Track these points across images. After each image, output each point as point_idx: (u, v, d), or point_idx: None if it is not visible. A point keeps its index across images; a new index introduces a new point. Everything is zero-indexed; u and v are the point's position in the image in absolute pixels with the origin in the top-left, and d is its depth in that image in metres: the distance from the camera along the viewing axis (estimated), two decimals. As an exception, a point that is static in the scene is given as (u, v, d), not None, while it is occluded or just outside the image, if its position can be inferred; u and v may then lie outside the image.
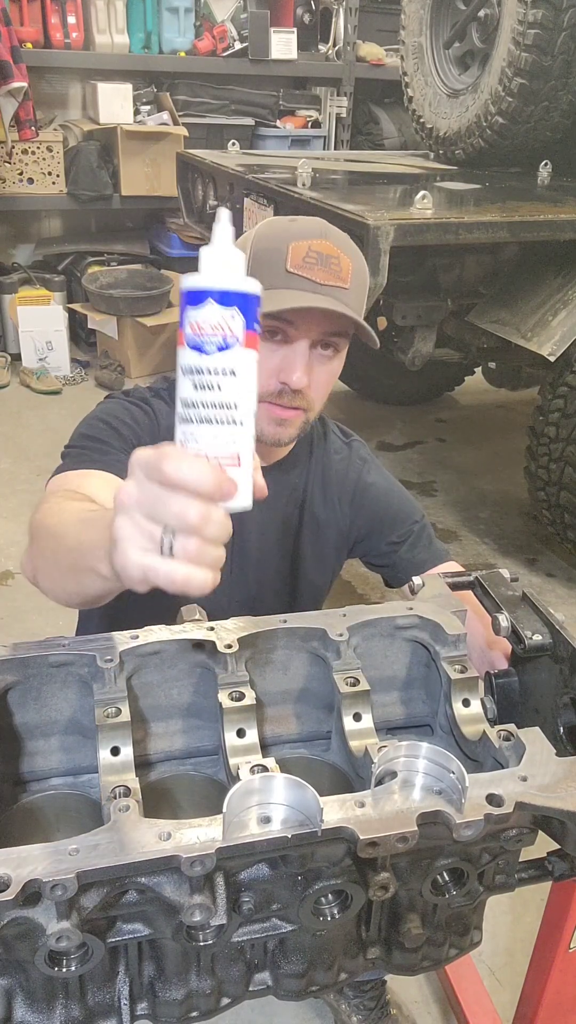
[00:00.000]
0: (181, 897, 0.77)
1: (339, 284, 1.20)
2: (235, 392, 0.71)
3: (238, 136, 4.63)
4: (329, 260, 1.20)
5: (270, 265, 1.20)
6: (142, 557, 0.71)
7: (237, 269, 0.72)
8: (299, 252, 1.19)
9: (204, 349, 0.70)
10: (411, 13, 3.78)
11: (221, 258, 0.72)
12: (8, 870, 0.69)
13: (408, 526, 1.49)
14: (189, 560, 0.70)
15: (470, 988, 1.69)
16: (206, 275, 0.71)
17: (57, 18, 4.74)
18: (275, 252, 1.20)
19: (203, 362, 0.71)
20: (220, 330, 0.70)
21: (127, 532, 0.72)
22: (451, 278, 3.15)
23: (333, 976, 0.96)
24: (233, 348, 0.71)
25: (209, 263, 0.72)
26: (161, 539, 0.70)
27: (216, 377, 0.71)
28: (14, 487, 3.72)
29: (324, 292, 1.19)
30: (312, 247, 1.19)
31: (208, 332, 0.70)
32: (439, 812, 0.78)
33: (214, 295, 0.70)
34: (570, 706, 1.03)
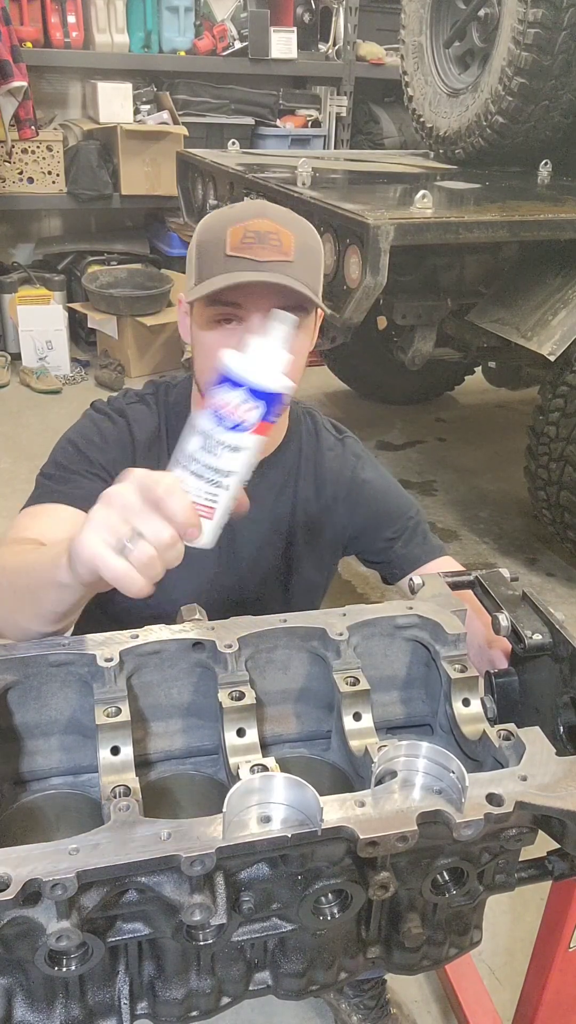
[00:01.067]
0: (181, 896, 0.77)
1: (282, 258, 1.19)
2: (231, 464, 0.85)
3: (238, 135, 4.63)
4: (268, 236, 1.19)
5: (212, 254, 1.20)
6: (100, 546, 0.82)
7: (277, 370, 0.83)
8: (237, 235, 1.18)
9: (221, 423, 0.83)
10: (411, 12, 3.77)
11: (268, 357, 0.83)
12: (8, 869, 0.69)
13: (403, 522, 1.48)
14: (138, 565, 0.81)
15: (470, 987, 1.69)
16: (250, 367, 0.83)
17: (57, 17, 4.74)
18: (215, 240, 1.20)
19: (216, 432, 0.83)
20: (239, 414, 0.82)
21: (100, 521, 0.82)
22: (451, 277, 3.16)
23: (333, 975, 0.96)
24: (245, 432, 0.83)
25: (256, 356, 0.83)
26: (121, 537, 0.81)
27: (221, 447, 0.83)
28: (14, 486, 3.72)
29: (266, 268, 1.18)
30: (249, 227, 1.19)
31: (230, 412, 0.82)
32: (439, 811, 0.78)
33: (249, 388, 0.82)
34: (570, 705, 1.03)
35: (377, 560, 1.52)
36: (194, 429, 0.85)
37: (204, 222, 1.26)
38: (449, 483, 4.03)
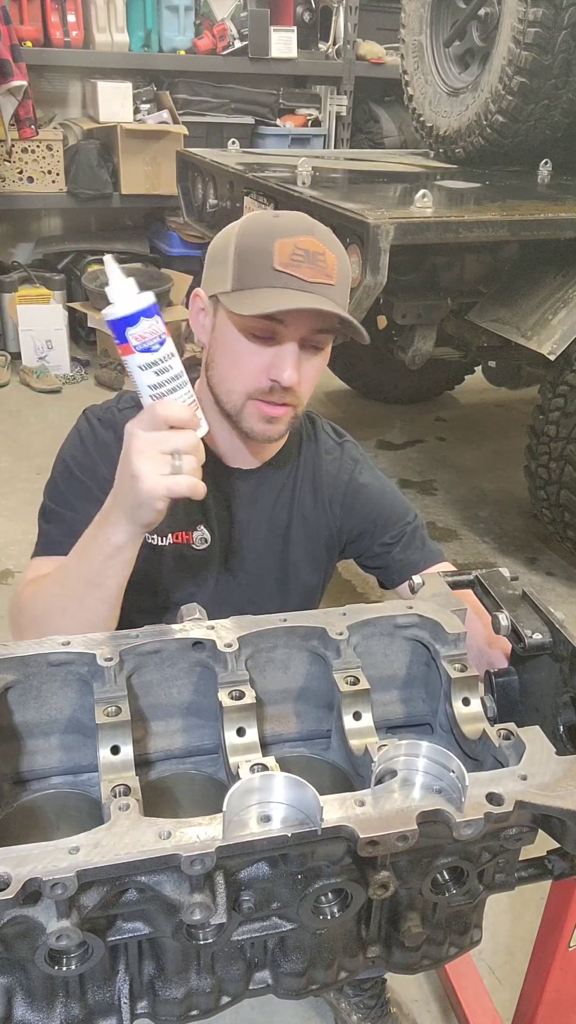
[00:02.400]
0: (181, 896, 0.77)
1: (326, 281, 1.19)
2: (178, 365, 1.07)
3: (238, 135, 4.63)
4: (316, 257, 1.19)
5: (257, 263, 1.19)
6: (164, 479, 1.03)
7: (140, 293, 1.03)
8: (286, 250, 1.18)
9: (151, 348, 1.03)
10: (411, 11, 3.77)
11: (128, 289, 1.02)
12: (8, 869, 0.69)
13: (400, 527, 1.48)
14: (192, 472, 1.04)
15: (470, 987, 1.70)
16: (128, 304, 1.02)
17: (57, 16, 4.74)
18: (261, 250, 1.19)
19: (155, 356, 1.04)
20: (156, 332, 1.03)
21: (147, 467, 1.03)
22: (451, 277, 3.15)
23: (333, 975, 0.96)
24: (167, 341, 1.04)
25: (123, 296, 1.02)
26: (172, 463, 1.03)
27: (167, 361, 1.05)
28: (14, 485, 3.72)
29: (312, 290, 1.18)
30: (299, 244, 1.18)
31: (150, 336, 1.03)
32: (439, 811, 0.78)
33: (142, 312, 1.02)
34: (570, 705, 1.03)
35: (375, 565, 1.51)
36: (138, 368, 1.05)
37: (247, 226, 1.24)
38: (449, 482, 4.03)
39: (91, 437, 1.38)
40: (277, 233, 1.20)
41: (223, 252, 1.25)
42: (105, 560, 1.12)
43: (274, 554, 1.46)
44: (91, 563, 1.14)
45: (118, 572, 1.13)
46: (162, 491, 1.03)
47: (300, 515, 1.45)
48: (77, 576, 1.16)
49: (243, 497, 1.42)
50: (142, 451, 1.03)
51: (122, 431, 1.37)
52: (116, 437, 1.37)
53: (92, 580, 1.14)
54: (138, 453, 1.03)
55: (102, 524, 1.13)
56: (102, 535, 1.12)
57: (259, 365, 1.24)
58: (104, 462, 1.35)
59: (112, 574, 1.13)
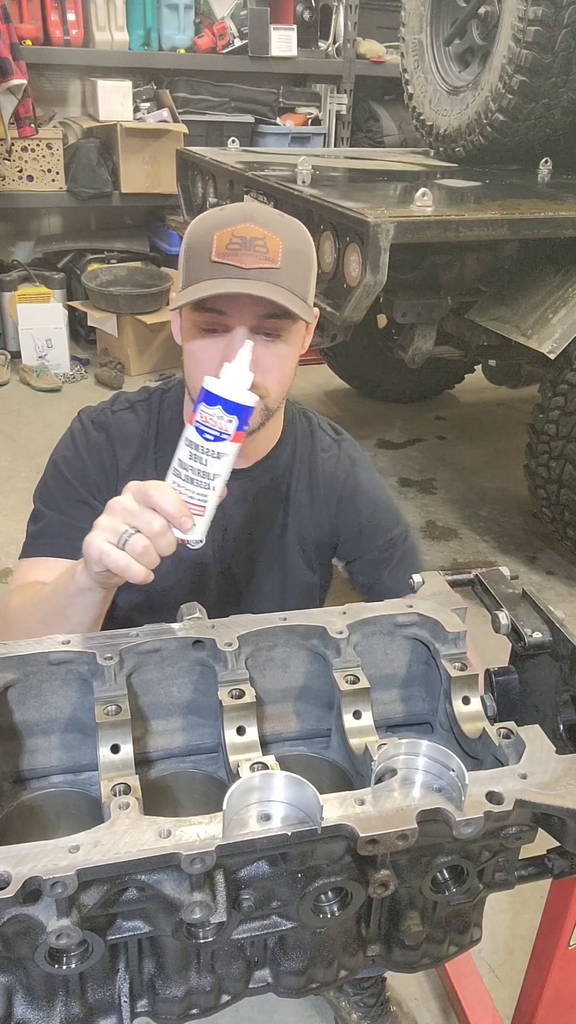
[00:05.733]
0: (181, 894, 0.77)
1: (268, 265, 1.17)
2: (216, 468, 1.01)
3: (238, 133, 4.63)
4: (254, 243, 1.17)
5: (197, 258, 1.19)
6: (103, 543, 0.98)
7: (244, 389, 1.00)
8: (223, 240, 1.17)
9: (205, 434, 0.99)
10: (411, 10, 3.77)
11: (236, 376, 1.00)
12: (8, 867, 0.70)
13: (391, 540, 1.48)
14: (135, 555, 0.97)
15: (470, 985, 1.70)
16: (223, 386, 0.99)
17: (57, 15, 4.73)
18: (202, 244, 1.19)
19: (201, 443, 1.00)
20: (220, 426, 0.99)
21: (104, 525, 0.99)
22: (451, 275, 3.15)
23: (333, 973, 0.96)
24: (225, 441, 1.00)
25: (228, 377, 1.00)
26: (121, 534, 0.98)
27: (207, 455, 1.00)
28: (14, 484, 3.72)
29: (249, 276, 1.16)
30: (235, 232, 1.17)
31: (211, 425, 0.99)
32: (439, 810, 0.78)
33: (224, 403, 0.99)
34: (570, 704, 1.03)
35: (363, 582, 1.51)
36: (184, 441, 1.01)
37: (192, 225, 1.25)
38: (449, 481, 4.03)
39: (83, 439, 1.38)
40: (216, 225, 1.19)
41: (181, 254, 1.27)
42: (71, 596, 1.10)
43: (271, 552, 1.46)
44: (60, 595, 1.13)
45: (84, 610, 1.11)
46: (95, 553, 0.98)
47: (296, 513, 1.45)
48: (48, 604, 1.15)
49: (236, 496, 1.41)
50: (111, 510, 1.00)
51: (115, 433, 1.38)
52: (108, 439, 1.37)
53: (60, 612, 1.12)
54: (108, 510, 1.00)
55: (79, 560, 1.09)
56: (73, 571, 1.09)
57: (212, 359, 1.22)
58: (95, 464, 1.36)
59: (78, 611, 1.11)
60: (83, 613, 1.11)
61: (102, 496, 1.34)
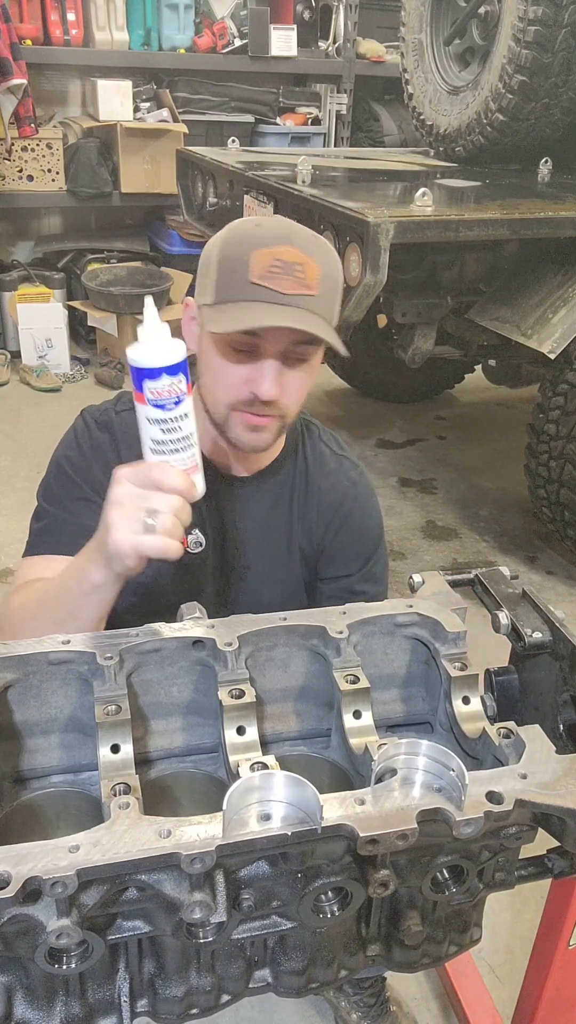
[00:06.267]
0: (181, 894, 0.77)
1: (306, 292, 1.16)
2: (189, 426, 1.03)
3: (238, 133, 4.63)
4: (294, 268, 1.15)
5: (234, 276, 1.17)
6: (133, 536, 1.00)
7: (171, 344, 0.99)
8: (263, 261, 1.15)
9: (165, 407, 1.00)
10: (411, 10, 3.77)
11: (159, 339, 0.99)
12: (8, 867, 0.70)
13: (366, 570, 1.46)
14: (167, 533, 1.00)
15: (470, 985, 1.70)
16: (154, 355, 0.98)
17: (57, 15, 4.73)
18: (238, 262, 1.16)
19: (166, 414, 1.01)
20: (174, 391, 1.00)
21: (120, 522, 1.00)
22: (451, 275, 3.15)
23: (333, 973, 0.96)
24: (184, 400, 1.01)
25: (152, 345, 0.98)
26: (145, 521, 0.99)
27: (177, 422, 1.01)
28: (14, 484, 3.72)
29: (289, 303, 1.15)
30: (276, 255, 1.15)
31: (166, 394, 0.99)
32: (439, 810, 0.78)
33: (166, 370, 0.98)
34: (570, 703, 1.03)
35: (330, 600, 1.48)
36: (145, 420, 1.02)
37: (228, 236, 1.21)
38: (449, 481, 4.03)
39: (86, 438, 1.37)
40: (255, 243, 1.17)
41: (208, 262, 1.24)
42: (83, 595, 1.10)
43: (269, 559, 1.45)
44: (70, 594, 1.12)
45: (95, 608, 1.11)
46: (129, 548, 1.00)
47: (294, 521, 1.44)
48: (57, 602, 1.15)
49: (237, 505, 1.41)
50: (120, 503, 1.01)
51: (118, 433, 1.38)
52: (111, 439, 1.37)
53: (70, 611, 1.12)
54: (116, 504, 1.01)
55: (86, 558, 1.10)
56: (83, 570, 1.10)
57: (239, 378, 1.22)
58: (98, 463, 1.35)
59: (89, 610, 1.11)
60: (96, 610, 1.11)
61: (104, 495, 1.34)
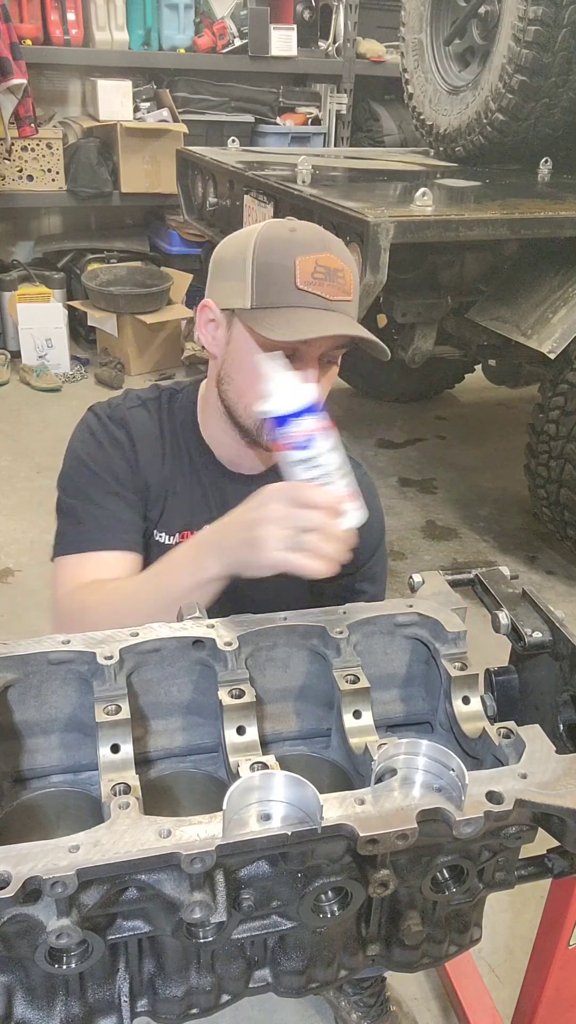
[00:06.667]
0: (181, 894, 0.77)
1: (346, 298, 1.21)
2: (336, 457, 1.06)
3: (238, 133, 4.63)
4: (336, 274, 1.20)
5: (279, 280, 1.19)
6: (282, 554, 1.04)
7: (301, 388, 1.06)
8: (307, 267, 1.18)
9: (305, 446, 1.05)
10: (411, 10, 3.77)
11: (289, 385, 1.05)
12: (8, 867, 0.69)
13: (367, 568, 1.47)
14: (316, 552, 1.03)
15: (470, 985, 1.70)
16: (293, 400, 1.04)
17: (57, 15, 4.74)
18: (281, 267, 1.19)
19: (312, 452, 1.05)
20: (311, 429, 1.05)
21: (272, 539, 1.04)
22: (451, 275, 3.15)
23: (333, 973, 0.96)
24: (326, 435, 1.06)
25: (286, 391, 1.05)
26: (292, 540, 1.03)
27: (325, 455, 1.06)
28: (14, 484, 3.72)
29: (334, 308, 1.20)
30: (320, 262, 1.19)
31: (302, 435, 1.04)
32: (439, 809, 0.78)
33: (306, 412, 1.04)
34: (570, 703, 1.03)
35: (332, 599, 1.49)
36: (292, 464, 1.06)
37: (265, 241, 1.22)
38: (449, 481, 4.03)
39: (103, 433, 1.37)
40: (296, 249, 1.19)
41: (238, 265, 1.24)
42: (194, 588, 1.13)
43: None
44: (177, 587, 1.14)
45: (205, 599, 1.13)
46: (278, 565, 1.04)
47: None
48: (158, 594, 1.16)
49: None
50: (271, 521, 1.04)
51: (132, 429, 1.38)
52: (127, 435, 1.37)
53: (172, 604, 1.11)
54: (266, 522, 1.05)
55: (199, 552, 1.14)
56: (196, 563, 1.13)
57: None
58: (118, 458, 1.35)
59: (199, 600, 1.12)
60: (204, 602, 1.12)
61: (128, 489, 1.35)
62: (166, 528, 1.38)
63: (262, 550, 1.04)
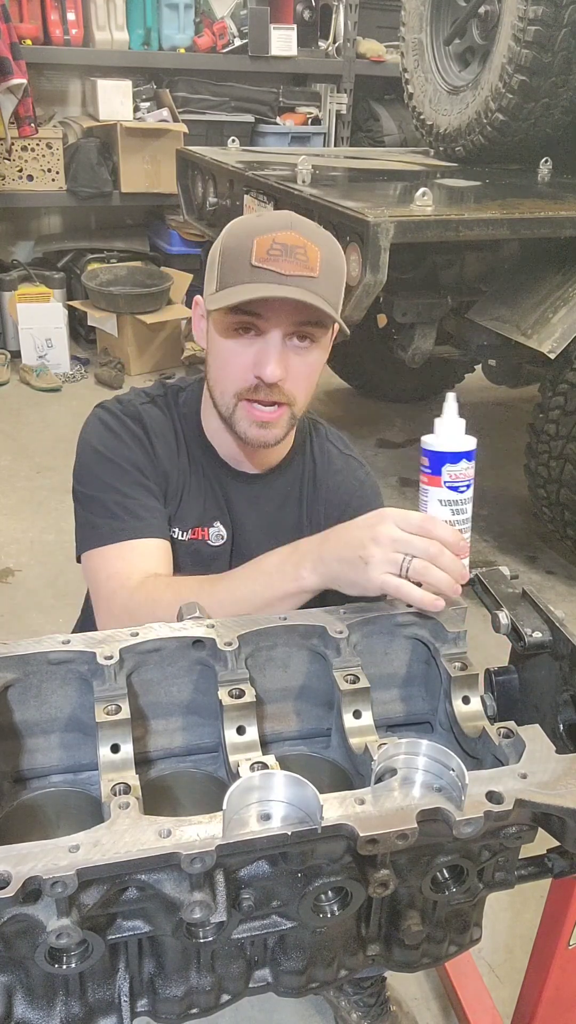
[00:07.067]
0: (181, 894, 0.77)
1: (307, 273, 1.18)
2: (471, 510, 1.11)
3: (238, 133, 4.63)
4: (295, 250, 1.18)
5: (236, 261, 1.19)
6: (384, 577, 1.02)
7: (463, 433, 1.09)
8: (263, 245, 1.17)
9: (459, 489, 1.08)
10: (411, 9, 3.77)
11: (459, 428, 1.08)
12: (8, 867, 0.70)
13: None
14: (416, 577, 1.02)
15: (470, 985, 1.70)
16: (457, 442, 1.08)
17: (57, 15, 4.74)
18: (241, 248, 1.19)
19: (459, 496, 1.09)
20: (468, 475, 1.08)
21: (378, 558, 1.03)
22: (451, 275, 3.15)
23: (333, 973, 0.96)
24: (472, 483, 1.09)
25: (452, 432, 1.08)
26: (401, 564, 1.02)
27: (466, 504, 1.09)
28: (14, 484, 3.72)
29: (291, 283, 1.17)
30: (276, 239, 1.18)
31: (462, 478, 1.08)
32: (439, 809, 0.78)
33: (465, 455, 1.07)
34: (570, 703, 1.03)
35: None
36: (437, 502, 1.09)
37: (230, 228, 1.24)
38: (449, 481, 4.02)
39: (120, 426, 1.36)
40: (257, 231, 1.19)
41: (212, 256, 1.26)
42: (286, 596, 1.13)
43: None
44: (269, 593, 1.13)
45: (288, 609, 1.12)
46: (377, 584, 1.03)
47: (303, 519, 1.45)
48: (243, 600, 1.15)
49: (248, 501, 1.42)
50: (384, 543, 1.03)
51: (147, 424, 1.38)
52: (144, 430, 1.37)
53: (259, 609, 1.12)
54: (377, 543, 1.03)
55: (298, 561, 1.12)
56: (294, 572, 1.12)
57: (244, 363, 1.24)
58: (138, 450, 1.35)
59: (282, 609, 1.12)
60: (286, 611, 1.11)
61: (151, 480, 1.34)
62: (180, 523, 1.37)
63: (367, 570, 1.03)
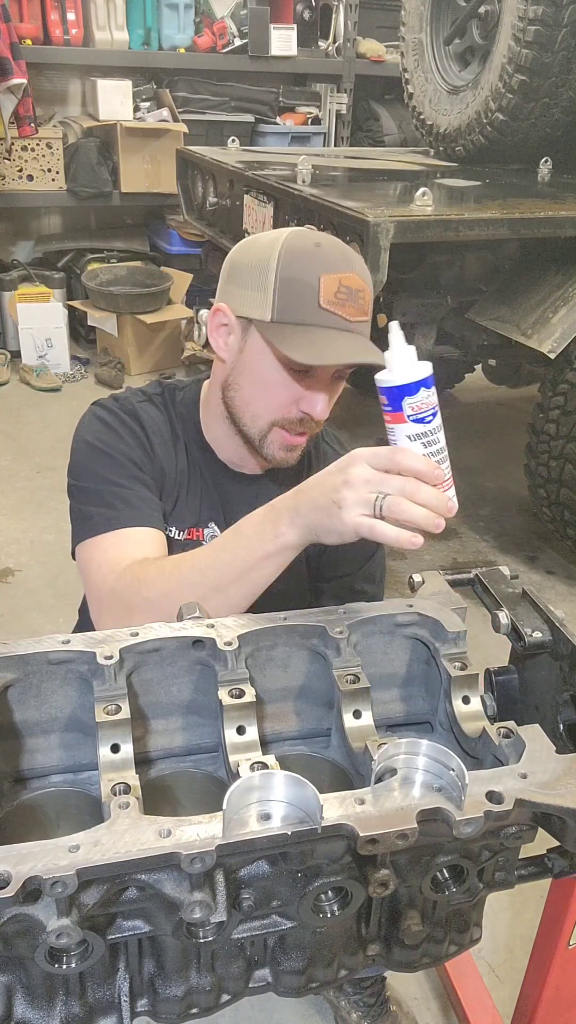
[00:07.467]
0: (181, 894, 0.77)
1: (364, 318, 1.22)
2: (443, 438, 1.05)
3: (238, 133, 4.63)
4: (357, 295, 1.21)
5: (301, 298, 1.20)
6: (360, 518, 0.99)
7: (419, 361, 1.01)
8: (330, 287, 1.19)
9: (425, 420, 1.01)
10: (411, 9, 3.77)
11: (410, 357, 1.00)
12: (8, 867, 0.69)
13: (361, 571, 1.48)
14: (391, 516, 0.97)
15: (470, 985, 1.70)
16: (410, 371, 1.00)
17: (57, 14, 4.74)
18: (305, 284, 1.19)
19: (427, 428, 1.02)
20: (431, 403, 1.02)
21: (351, 500, 0.99)
22: (451, 275, 3.15)
23: (333, 973, 0.96)
24: (438, 412, 1.03)
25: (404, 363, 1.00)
26: (374, 503, 0.98)
27: (436, 434, 1.03)
28: (14, 484, 3.72)
29: (354, 329, 1.21)
30: (342, 282, 1.20)
31: (425, 407, 1.01)
32: (439, 809, 0.78)
33: (424, 383, 1.00)
34: (570, 703, 1.03)
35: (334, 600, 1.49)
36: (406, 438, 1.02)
37: (288, 255, 1.21)
38: (449, 481, 4.02)
39: (117, 422, 1.36)
40: (321, 266, 1.20)
41: (259, 275, 1.23)
42: (266, 556, 1.10)
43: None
44: (251, 555, 1.11)
45: (273, 571, 1.12)
46: (359, 530, 0.99)
47: None
48: (225, 566, 1.13)
49: (246, 502, 1.41)
50: (353, 484, 1.00)
51: (145, 421, 1.38)
52: (141, 426, 1.37)
53: (243, 573, 1.11)
54: (349, 485, 1.00)
55: (276, 519, 1.09)
56: (272, 530, 1.09)
57: (291, 397, 1.27)
58: (135, 445, 1.35)
59: (267, 572, 1.11)
60: (272, 574, 1.11)
61: (147, 474, 1.34)
62: (176, 522, 1.38)
63: (341, 514, 1.00)
